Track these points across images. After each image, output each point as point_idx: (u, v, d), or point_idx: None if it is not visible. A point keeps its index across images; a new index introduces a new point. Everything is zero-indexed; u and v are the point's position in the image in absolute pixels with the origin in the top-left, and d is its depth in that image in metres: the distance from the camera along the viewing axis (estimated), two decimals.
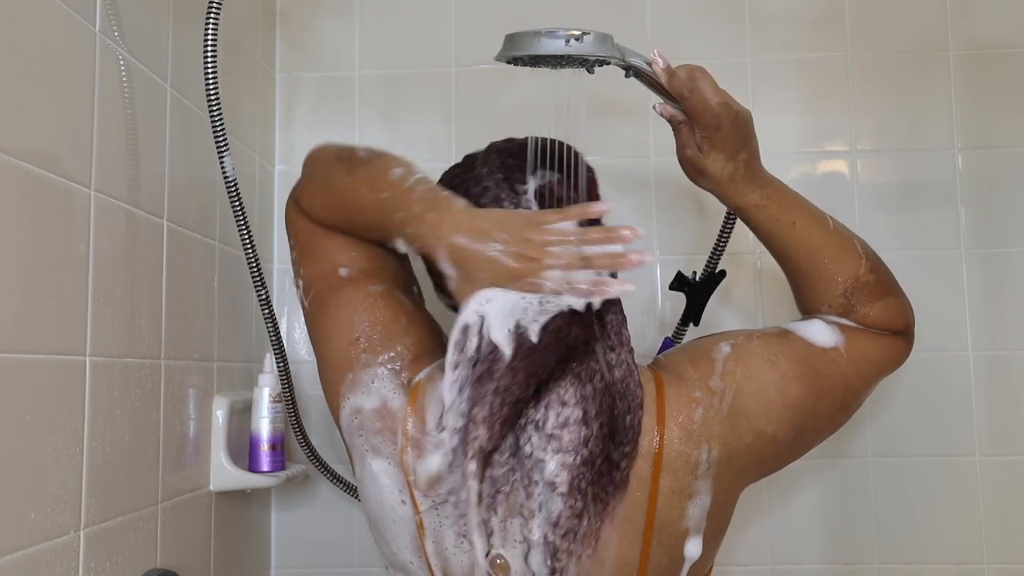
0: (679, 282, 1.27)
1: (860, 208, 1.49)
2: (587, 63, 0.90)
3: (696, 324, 1.30)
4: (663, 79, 0.90)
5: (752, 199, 0.94)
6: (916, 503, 1.45)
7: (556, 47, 0.85)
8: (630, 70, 0.92)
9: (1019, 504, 1.44)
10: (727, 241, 1.27)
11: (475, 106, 1.54)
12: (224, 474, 1.23)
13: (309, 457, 1.38)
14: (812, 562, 1.46)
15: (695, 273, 1.28)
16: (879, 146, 1.51)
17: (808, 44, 1.53)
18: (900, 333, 0.96)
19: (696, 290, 1.28)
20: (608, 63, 0.91)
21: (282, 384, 1.29)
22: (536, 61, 0.90)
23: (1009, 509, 1.44)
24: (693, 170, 0.94)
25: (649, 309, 1.49)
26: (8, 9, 0.80)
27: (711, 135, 0.91)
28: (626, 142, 1.50)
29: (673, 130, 0.95)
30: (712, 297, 1.31)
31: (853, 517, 1.46)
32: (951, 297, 1.47)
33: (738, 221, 1.14)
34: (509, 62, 0.90)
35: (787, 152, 1.52)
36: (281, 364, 1.28)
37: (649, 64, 0.92)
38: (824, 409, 0.90)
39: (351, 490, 1.41)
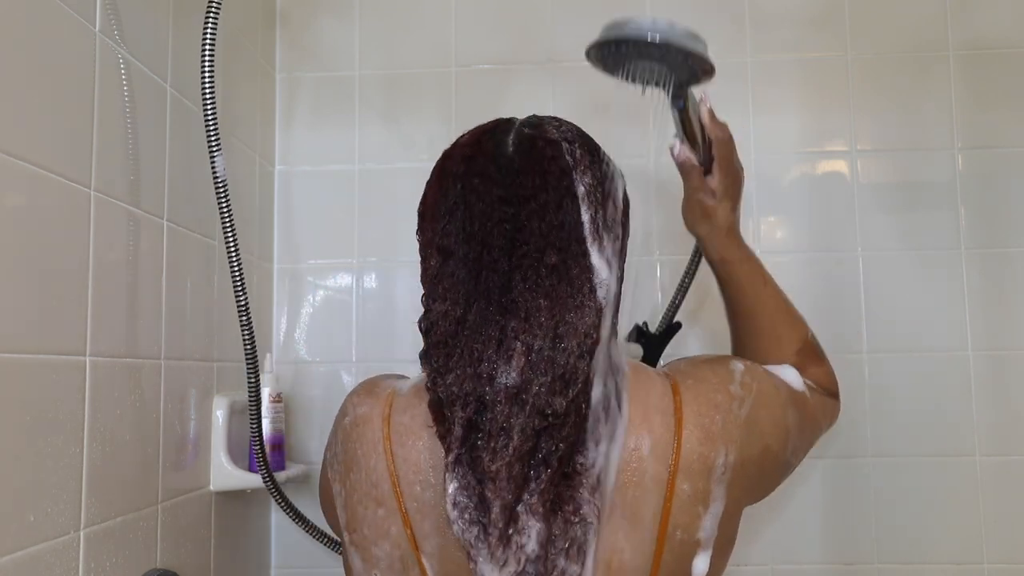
0: (638, 334, 1.31)
1: (860, 208, 1.49)
2: (654, 80, 0.91)
3: None
4: (706, 116, 0.96)
5: (740, 253, 1.00)
6: (916, 503, 1.45)
7: (666, 30, 0.85)
8: (680, 99, 0.94)
9: (1019, 504, 1.44)
10: (683, 298, 1.28)
11: (475, 106, 1.54)
12: (224, 474, 1.23)
13: (264, 477, 1.25)
14: (812, 562, 1.46)
15: (646, 324, 1.31)
16: (879, 146, 1.51)
17: (808, 44, 1.53)
18: (834, 396, 1.03)
19: (653, 342, 1.32)
20: (670, 87, 0.93)
21: (250, 394, 1.19)
22: (618, 62, 0.91)
23: (1009, 509, 1.44)
24: (701, 213, 0.99)
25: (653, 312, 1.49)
26: (8, 9, 0.80)
27: (730, 182, 0.97)
28: (626, 142, 1.50)
29: (683, 174, 0.99)
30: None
31: (853, 517, 1.46)
32: (951, 297, 1.47)
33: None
34: (598, 57, 0.91)
35: (787, 152, 1.52)
36: (252, 375, 1.18)
37: (697, 101, 0.96)
38: (801, 443, 0.94)
39: (295, 515, 1.33)
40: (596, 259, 0.85)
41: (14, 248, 0.80)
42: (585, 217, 0.85)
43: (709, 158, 0.98)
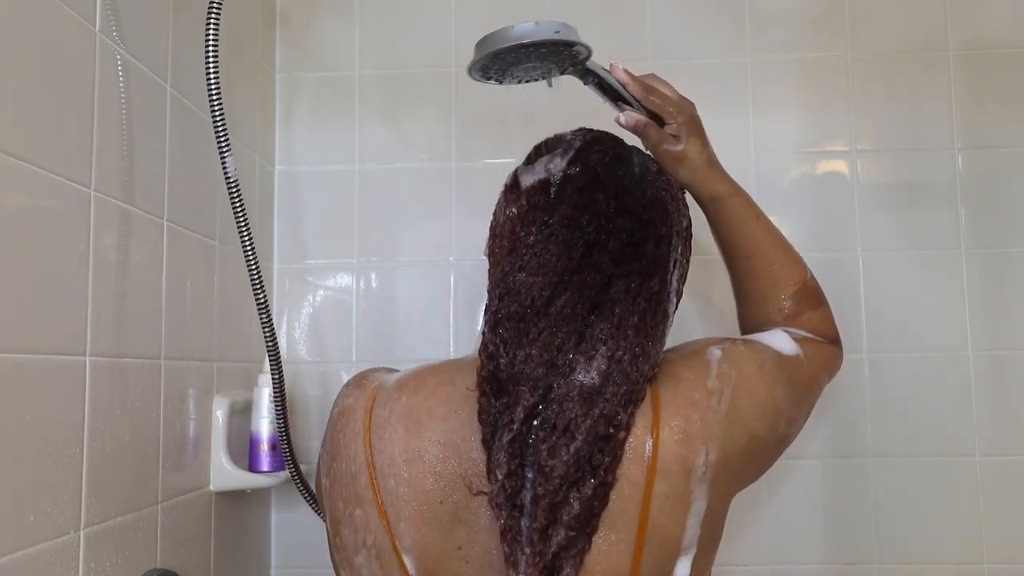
0: None
1: (860, 208, 1.50)
2: (550, 72, 0.92)
3: None
4: (624, 78, 0.96)
5: (726, 187, 0.99)
6: (916, 503, 1.45)
7: (526, 30, 0.86)
8: (588, 75, 0.95)
9: (1019, 504, 1.44)
10: None
11: (475, 106, 1.54)
12: (224, 474, 1.23)
13: (291, 471, 1.30)
14: (812, 562, 1.46)
15: None
16: (879, 146, 1.51)
17: (808, 44, 1.53)
18: (834, 342, 1.01)
19: None
20: (568, 71, 0.94)
21: (275, 391, 1.24)
22: (503, 72, 0.92)
23: (1009, 509, 1.44)
24: (674, 161, 0.98)
25: None
26: (8, 9, 0.80)
27: (686, 121, 0.97)
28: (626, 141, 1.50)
29: (641, 136, 0.99)
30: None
31: (853, 517, 1.46)
32: (951, 297, 1.47)
33: None
34: (483, 76, 0.93)
35: (787, 152, 1.52)
36: (276, 372, 1.23)
37: (607, 70, 0.96)
38: (797, 414, 0.92)
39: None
40: (673, 300, 0.89)
41: (14, 248, 0.80)
42: (680, 255, 0.90)
43: (650, 112, 0.98)
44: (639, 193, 0.88)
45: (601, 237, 0.84)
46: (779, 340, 0.94)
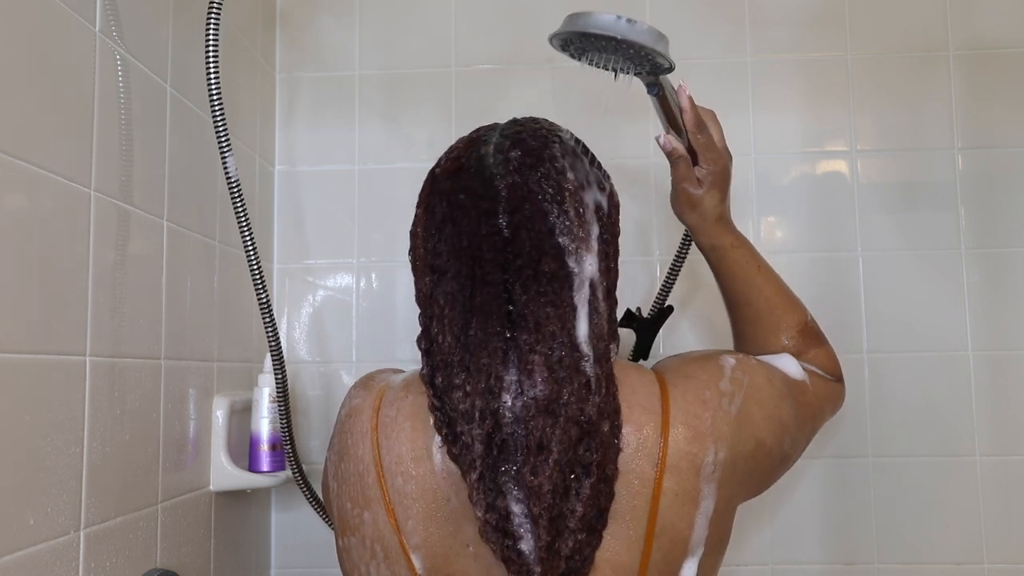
0: (628, 319, 1.27)
1: (860, 208, 1.50)
2: (625, 69, 0.91)
3: (645, 359, 1.29)
4: (686, 104, 0.95)
5: (730, 239, 1.00)
6: (916, 503, 1.45)
7: (606, 22, 0.85)
8: (655, 87, 0.94)
9: (1019, 504, 1.44)
10: (675, 280, 1.26)
11: (475, 106, 1.54)
12: (224, 474, 1.23)
13: (293, 470, 1.31)
14: (812, 562, 1.46)
15: (639, 309, 1.27)
16: (879, 146, 1.51)
17: (808, 44, 1.53)
18: (838, 380, 1.02)
19: (645, 326, 1.27)
20: (642, 75, 0.93)
21: (278, 391, 1.25)
22: (583, 50, 0.90)
23: (1009, 509, 1.44)
24: (687, 203, 0.98)
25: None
26: (8, 9, 0.80)
27: (715, 172, 0.96)
28: (626, 142, 1.50)
29: (671, 163, 0.98)
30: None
31: (853, 517, 1.46)
32: (951, 297, 1.47)
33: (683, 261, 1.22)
34: (563, 48, 0.91)
35: (787, 152, 1.52)
36: (279, 372, 1.24)
37: (674, 89, 0.95)
38: (801, 435, 0.93)
39: (323, 511, 1.36)
40: (591, 262, 0.84)
41: (14, 248, 0.80)
42: (574, 220, 0.84)
43: (690, 146, 0.97)
44: (496, 189, 0.83)
45: (480, 252, 0.82)
46: (787, 364, 0.95)
